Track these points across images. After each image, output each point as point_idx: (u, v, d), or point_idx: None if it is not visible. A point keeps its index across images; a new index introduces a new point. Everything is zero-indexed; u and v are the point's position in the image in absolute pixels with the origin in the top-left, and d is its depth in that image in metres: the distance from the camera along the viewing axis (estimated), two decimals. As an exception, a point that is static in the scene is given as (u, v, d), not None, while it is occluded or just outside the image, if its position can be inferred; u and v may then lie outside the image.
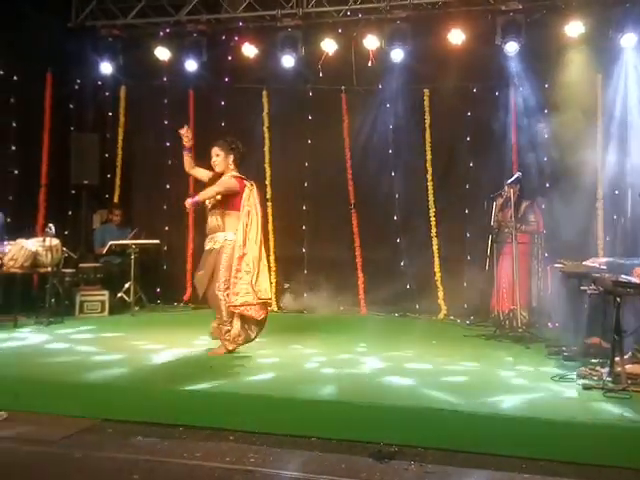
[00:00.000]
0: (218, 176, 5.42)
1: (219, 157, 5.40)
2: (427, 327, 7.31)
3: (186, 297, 8.81)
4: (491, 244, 6.66)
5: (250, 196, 5.36)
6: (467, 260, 7.85)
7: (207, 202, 5.34)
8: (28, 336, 6.12)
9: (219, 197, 5.28)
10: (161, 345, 5.67)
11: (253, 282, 5.18)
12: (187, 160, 5.55)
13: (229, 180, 5.34)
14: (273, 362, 5.03)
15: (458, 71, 7.81)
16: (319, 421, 3.76)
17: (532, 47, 7.46)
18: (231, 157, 5.42)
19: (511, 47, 7.39)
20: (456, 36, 7.57)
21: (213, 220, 5.34)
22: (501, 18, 7.43)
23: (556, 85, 7.57)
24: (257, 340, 5.47)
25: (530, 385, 4.34)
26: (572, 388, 4.22)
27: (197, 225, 8.92)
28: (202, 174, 5.58)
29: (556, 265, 5.68)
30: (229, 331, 5.26)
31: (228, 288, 5.20)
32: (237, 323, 5.26)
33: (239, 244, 5.21)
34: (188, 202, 5.26)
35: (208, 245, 5.40)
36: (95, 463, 3.32)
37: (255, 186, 5.48)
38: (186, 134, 5.48)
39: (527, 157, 7.62)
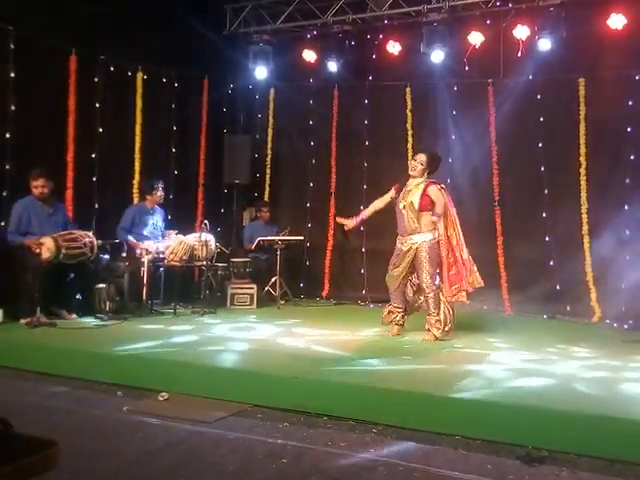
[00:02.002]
0: (405, 181, 5.91)
1: (422, 166, 5.82)
2: (579, 330, 6.90)
3: (325, 293, 9.03)
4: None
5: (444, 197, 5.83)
6: (626, 260, 7.30)
7: (401, 205, 5.83)
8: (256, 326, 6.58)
9: (416, 200, 5.74)
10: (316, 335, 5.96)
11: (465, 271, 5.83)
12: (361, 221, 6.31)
13: (436, 189, 5.78)
14: (422, 357, 5.01)
15: (618, 58, 7.30)
16: (464, 419, 3.69)
17: None
18: (429, 170, 5.87)
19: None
20: (617, 21, 7.08)
21: (410, 223, 5.76)
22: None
23: None
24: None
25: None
26: None
27: (336, 223, 9.14)
28: (385, 201, 6.17)
29: None
30: (438, 320, 5.74)
31: (438, 282, 5.76)
32: (442, 313, 5.76)
33: (443, 241, 5.76)
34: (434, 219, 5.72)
35: (405, 246, 5.81)
36: (247, 445, 3.49)
37: (445, 188, 5.95)
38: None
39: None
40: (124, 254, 7.21)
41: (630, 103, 7.51)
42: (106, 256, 6.98)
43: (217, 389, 4.37)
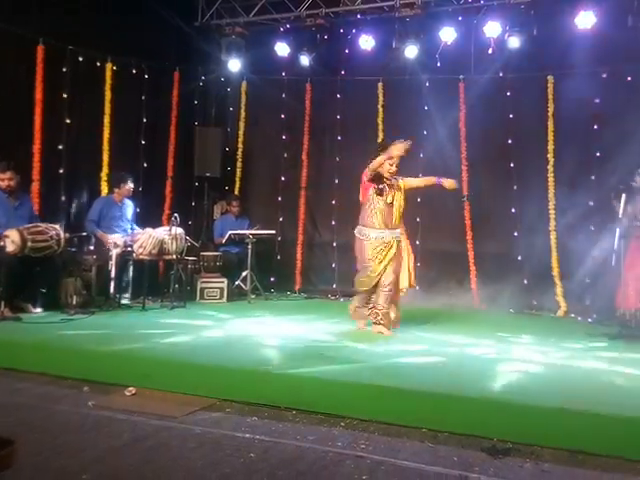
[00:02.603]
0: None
1: (398, 160, 5.77)
2: (546, 324, 7.01)
3: (296, 287, 9.04)
4: (618, 238, 6.28)
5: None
6: (591, 255, 7.44)
7: (389, 199, 5.74)
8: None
9: (402, 199, 5.80)
10: (290, 329, 5.97)
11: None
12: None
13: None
14: (387, 350, 5.04)
15: (585, 56, 7.40)
16: (430, 412, 3.72)
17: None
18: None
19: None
20: (585, 19, 7.20)
21: (396, 217, 5.75)
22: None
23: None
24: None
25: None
26: None
27: (308, 217, 9.16)
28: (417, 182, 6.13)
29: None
30: (388, 314, 5.79)
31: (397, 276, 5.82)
32: (395, 308, 5.90)
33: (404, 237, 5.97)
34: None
35: (387, 238, 5.73)
36: (215, 439, 3.47)
37: None
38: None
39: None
40: (92, 247, 7.12)
41: (597, 101, 7.66)
42: (73, 249, 6.88)
43: (185, 384, 4.33)
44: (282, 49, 8.70)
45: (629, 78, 7.56)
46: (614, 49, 7.44)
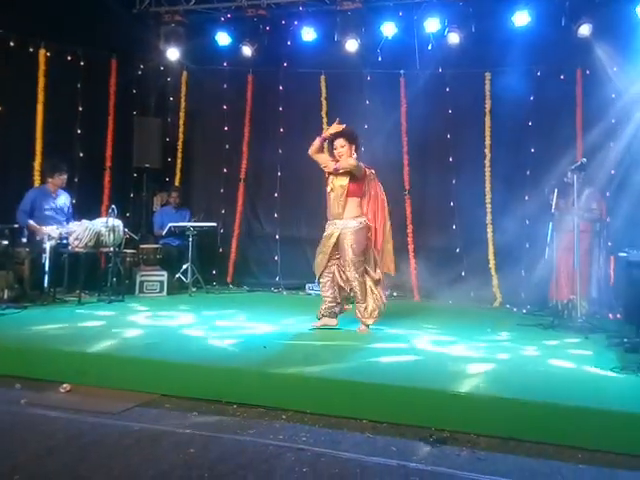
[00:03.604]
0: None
1: (344, 148, 5.59)
2: (482, 315, 7.20)
3: (229, 279, 8.97)
4: (551, 232, 6.51)
5: (373, 182, 5.69)
6: (525, 248, 7.69)
7: (329, 188, 5.61)
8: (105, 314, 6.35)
9: (344, 184, 5.52)
10: (226, 323, 5.85)
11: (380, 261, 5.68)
12: (317, 144, 5.67)
13: (359, 163, 5.56)
14: (329, 344, 5.07)
15: (521, 54, 7.60)
16: (370, 403, 3.77)
17: (602, 29, 7.20)
18: (353, 147, 5.64)
19: (584, 29, 7.17)
20: (521, 18, 7.40)
21: (335, 206, 5.56)
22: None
23: (626, 69, 7.29)
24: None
25: (589, 375, 4.24)
26: (633, 379, 4.09)
27: (250, 209, 9.10)
28: (325, 159, 5.77)
29: (620, 254, 5.49)
30: (366, 308, 5.60)
31: (362, 267, 5.55)
32: (371, 299, 5.61)
33: (370, 227, 5.61)
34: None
35: (330, 230, 5.61)
36: (153, 436, 3.42)
37: (374, 173, 5.74)
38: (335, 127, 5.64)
39: (592, 143, 7.36)
40: (24, 239, 6.88)
41: (532, 98, 7.88)
42: (5, 242, 6.61)
43: (123, 379, 4.25)
44: (223, 39, 8.58)
45: (562, 76, 7.82)
46: (548, 48, 7.67)
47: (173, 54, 8.65)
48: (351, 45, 7.99)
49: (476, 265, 7.98)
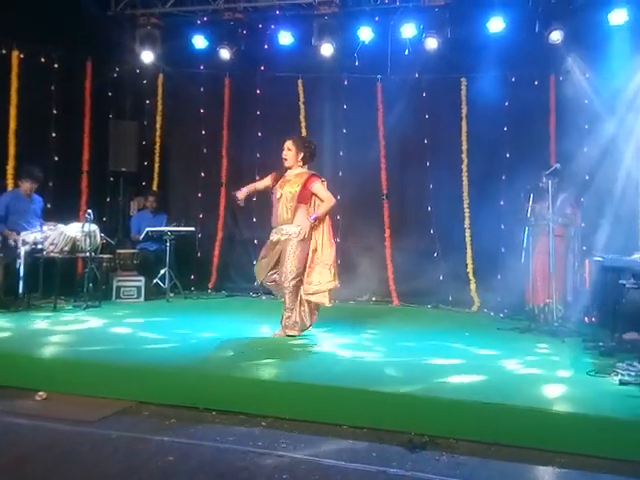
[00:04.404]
0: (284, 171, 5.60)
1: (290, 152, 5.53)
2: (460, 319, 7.25)
3: (211, 284, 8.91)
4: (527, 236, 6.58)
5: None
6: (502, 252, 7.76)
7: (278, 194, 5.52)
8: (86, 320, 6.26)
9: (294, 191, 5.46)
10: (206, 331, 5.79)
11: (328, 272, 5.43)
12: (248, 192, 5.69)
13: (324, 189, 5.54)
14: (310, 350, 5.06)
15: (496, 60, 7.68)
16: (350, 409, 3.77)
17: (574, 35, 7.31)
18: (301, 154, 5.56)
19: (555, 35, 7.26)
20: (496, 24, 7.48)
21: (283, 212, 5.49)
22: (543, 4, 7.29)
23: (599, 74, 7.41)
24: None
25: (565, 379, 4.29)
26: (608, 383, 4.15)
27: (228, 214, 9.06)
28: (263, 184, 5.75)
29: (595, 258, 5.57)
30: (289, 317, 5.47)
31: (299, 277, 5.40)
32: (297, 311, 5.47)
33: (313, 239, 5.46)
34: (311, 221, 5.41)
35: (275, 236, 5.54)
36: (131, 444, 3.38)
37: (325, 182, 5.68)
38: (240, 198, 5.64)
39: (566, 149, 7.47)
40: (-2, 245, 6.75)
41: (506, 104, 7.97)
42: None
43: (99, 386, 4.19)
44: (200, 42, 8.53)
45: (536, 82, 7.92)
46: (522, 53, 7.76)
47: (148, 57, 8.57)
48: (328, 49, 8.00)
49: (454, 269, 8.04)
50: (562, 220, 6.62)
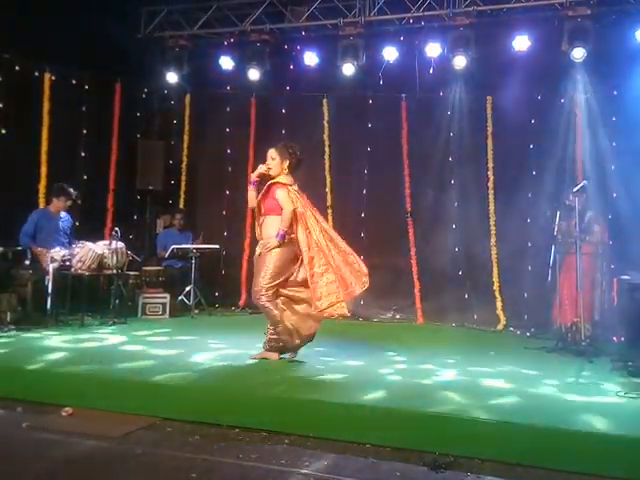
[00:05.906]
0: (270, 184, 5.31)
1: (275, 160, 5.27)
2: (486, 338, 7.17)
3: (242, 302, 8.95)
4: (554, 254, 6.50)
5: (295, 199, 5.26)
6: (528, 270, 7.67)
7: (263, 210, 5.32)
8: (108, 337, 6.30)
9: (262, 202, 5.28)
10: (227, 347, 5.81)
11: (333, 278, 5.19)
12: (252, 195, 5.37)
13: (286, 196, 5.20)
14: (333, 367, 5.04)
15: (522, 78, 7.66)
16: (374, 428, 3.74)
17: (600, 53, 7.27)
18: (287, 162, 5.29)
19: (578, 53, 7.23)
20: (521, 43, 7.47)
21: (262, 225, 5.33)
22: (569, 24, 7.28)
23: (625, 92, 7.35)
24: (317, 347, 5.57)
25: (594, 400, 4.21)
26: (638, 403, 4.06)
27: (254, 231, 9.10)
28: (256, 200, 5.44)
29: (623, 277, 5.48)
30: (272, 336, 5.26)
31: (274, 288, 5.18)
32: (281, 332, 5.20)
33: (304, 248, 5.18)
34: (278, 240, 5.13)
35: (257, 250, 5.37)
36: (155, 460, 3.39)
37: (295, 187, 5.32)
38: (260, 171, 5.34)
39: (593, 166, 7.39)
40: (27, 262, 6.88)
41: (532, 121, 7.93)
42: (8, 264, 6.63)
43: (124, 403, 4.22)
44: (226, 63, 8.68)
45: (562, 100, 7.88)
46: (548, 72, 7.75)
47: (174, 78, 8.75)
48: (352, 69, 8.07)
49: (480, 287, 7.97)
50: (589, 238, 6.53)
